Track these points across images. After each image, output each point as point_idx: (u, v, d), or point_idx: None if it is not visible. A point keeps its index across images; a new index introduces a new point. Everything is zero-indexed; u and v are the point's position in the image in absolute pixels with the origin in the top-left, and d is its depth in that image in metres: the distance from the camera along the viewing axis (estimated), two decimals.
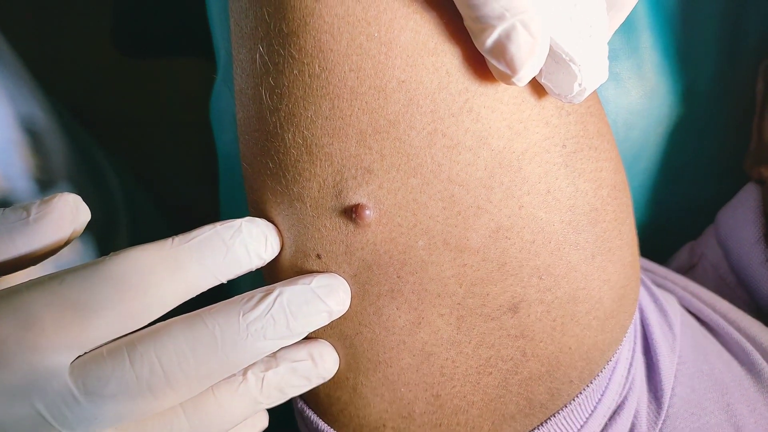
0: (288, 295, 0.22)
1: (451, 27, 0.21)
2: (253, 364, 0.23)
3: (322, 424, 0.26)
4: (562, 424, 0.25)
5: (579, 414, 0.25)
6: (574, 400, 0.25)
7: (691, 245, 0.43)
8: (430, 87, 0.21)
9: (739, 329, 0.31)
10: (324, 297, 0.22)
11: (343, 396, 0.25)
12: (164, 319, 0.22)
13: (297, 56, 0.21)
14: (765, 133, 0.40)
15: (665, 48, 0.41)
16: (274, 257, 0.24)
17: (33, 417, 0.20)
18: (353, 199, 0.22)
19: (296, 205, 0.23)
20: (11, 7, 0.62)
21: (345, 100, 0.21)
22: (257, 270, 0.24)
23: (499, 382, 0.24)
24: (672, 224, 0.46)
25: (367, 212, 0.22)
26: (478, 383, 0.24)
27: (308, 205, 0.23)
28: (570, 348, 0.24)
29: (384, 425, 0.25)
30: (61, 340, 0.20)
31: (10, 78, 0.36)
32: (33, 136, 0.36)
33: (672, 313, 0.30)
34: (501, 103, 0.22)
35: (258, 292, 0.22)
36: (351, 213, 0.22)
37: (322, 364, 0.24)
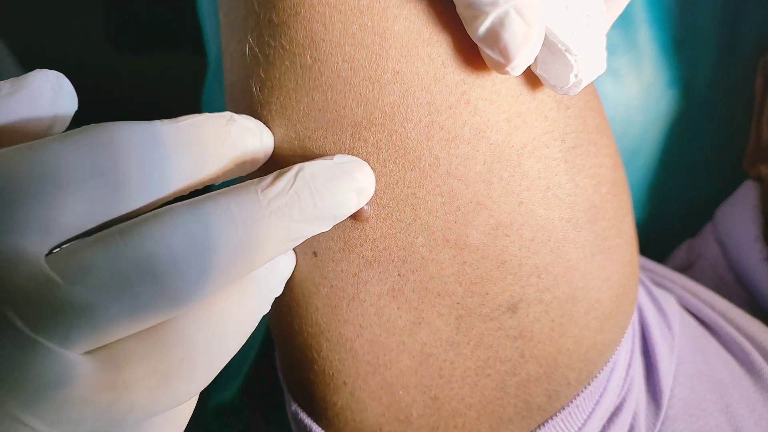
0: (310, 170, 0.19)
1: (445, 16, 0.20)
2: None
3: (316, 428, 0.26)
4: (560, 427, 0.24)
5: (577, 416, 0.25)
6: (572, 402, 0.25)
7: (689, 243, 0.43)
8: (426, 78, 0.21)
9: (738, 328, 0.31)
10: (351, 171, 0.20)
11: (339, 400, 0.25)
12: None
13: (288, 47, 0.21)
14: (764, 130, 0.40)
15: (664, 43, 0.41)
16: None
17: None
18: None
19: None
20: (3, 2, 0.61)
21: (338, 92, 0.21)
22: None
23: (497, 384, 0.23)
24: (670, 222, 0.45)
25: (365, 207, 0.22)
26: (476, 385, 0.23)
27: None
28: (568, 349, 0.24)
29: (380, 429, 0.24)
30: (32, 217, 0.15)
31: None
32: None
33: (671, 313, 0.30)
34: (498, 96, 0.21)
35: (272, 174, 0.19)
36: None
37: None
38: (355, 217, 0.22)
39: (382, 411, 0.24)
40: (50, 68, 0.19)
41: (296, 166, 0.19)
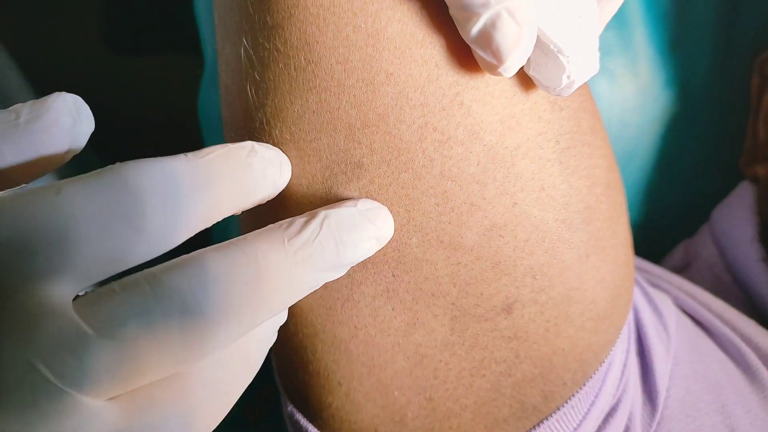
0: (335, 218, 0.19)
1: (439, 18, 0.20)
2: None
3: (312, 429, 0.26)
4: (556, 427, 0.24)
5: (572, 417, 0.25)
6: (567, 402, 0.24)
7: (686, 244, 0.43)
8: (419, 80, 0.21)
9: (734, 329, 0.31)
10: (373, 220, 0.20)
11: (334, 402, 0.24)
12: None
13: (282, 49, 0.21)
14: (760, 131, 0.40)
15: (659, 44, 0.41)
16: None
17: (25, 374, 0.14)
18: (344, 194, 0.22)
19: (285, 202, 0.23)
20: (1, 5, 0.61)
21: (332, 94, 0.21)
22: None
23: (492, 385, 0.23)
24: (666, 223, 0.45)
25: None
26: (471, 386, 0.23)
27: (298, 202, 0.22)
28: (563, 349, 0.24)
29: (376, 430, 0.24)
30: (59, 266, 0.15)
31: None
32: None
33: (667, 314, 0.30)
34: (492, 97, 0.21)
35: (299, 218, 0.19)
36: None
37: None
38: None
39: (378, 412, 0.24)
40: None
41: (322, 213, 0.19)
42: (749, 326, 0.31)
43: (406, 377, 0.23)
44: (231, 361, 0.18)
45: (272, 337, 0.20)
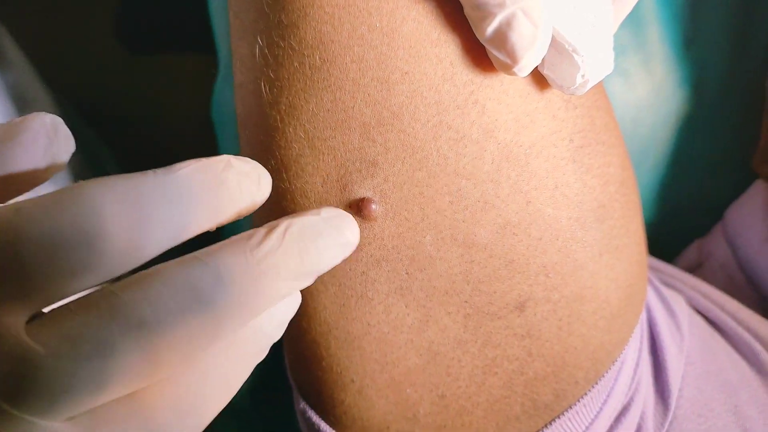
0: (298, 227, 0.18)
1: (453, 17, 0.21)
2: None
3: (324, 426, 0.26)
4: (567, 426, 0.24)
5: (584, 415, 0.25)
6: (579, 401, 0.25)
7: (699, 243, 0.43)
8: (434, 78, 0.21)
9: (748, 329, 0.31)
10: (337, 227, 0.19)
11: (347, 398, 0.25)
12: None
13: (297, 48, 0.21)
14: None
15: (674, 42, 0.41)
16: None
17: None
18: (359, 192, 0.22)
19: (300, 200, 0.23)
20: (16, 3, 0.62)
21: (347, 92, 0.21)
22: None
23: (504, 383, 0.24)
24: (680, 222, 0.45)
25: (374, 206, 0.22)
26: (484, 383, 0.24)
27: (312, 201, 0.23)
28: (576, 348, 0.24)
29: (388, 427, 0.24)
30: (9, 290, 0.15)
31: (14, 77, 0.36)
32: None
33: (680, 313, 0.30)
34: (507, 96, 0.21)
35: (261, 229, 0.18)
36: (357, 207, 0.22)
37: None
38: (364, 216, 0.22)
39: (390, 409, 0.24)
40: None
41: (285, 222, 0.18)
42: (763, 326, 0.31)
43: (418, 374, 0.23)
44: (201, 380, 0.18)
45: (259, 353, 0.19)
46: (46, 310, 0.16)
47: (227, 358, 0.18)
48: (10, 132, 0.17)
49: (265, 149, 0.23)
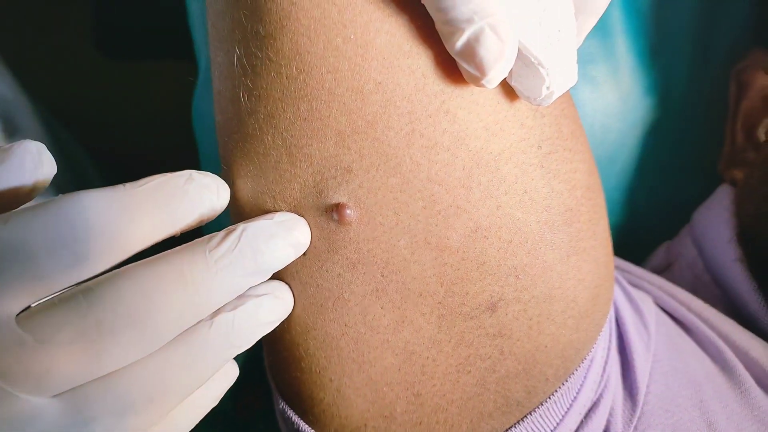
0: (253, 230, 0.21)
1: (425, 31, 0.21)
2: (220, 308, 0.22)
3: (303, 425, 0.26)
4: (539, 422, 0.25)
5: (555, 412, 0.25)
6: (550, 398, 0.25)
7: (668, 245, 0.43)
8: (406, 88, 0.21)
9: (712, 327, 0.32)
10: (288, 229, 0.22)
11: (326, 397, 0.25)
12: None
13: (274, 58, 0.22)
14: (738, 135, 0.41)
15: (640, 52, 0.42)
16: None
17: None
18: (334, 198, 0.22)
19: (279, 205, 0.23)
20: None
21: (323, 102, 0.21)
22: None
23: (477, 381, 0.24)
24: (648, 225, 0.46)
25: (348, 211, 0.22)
26: (458, 381, 0.24)
27: (290, 206, 0.23)
28: (546, 346, 0.24)
29: (365, 425, 0.25)
30: (5, 285, 0.18)
31: None
32: (14, 139, 0.36)
33: (647, 313, 0.31)
34: (477, 105, 0.22)
35: (220, 232, 0.21)
36: (332, 212, 0.22)
37: (282, 297, 0.23)
38: (339, 220, 0.22)
39: (367, 407, 0.25)
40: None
41: (241, 226, 0.21)
42: (727, 324, 0.32)
43: (395, 373, 0.24)
44: (171, 365, 0.20)
45: (231, 349, 0.22)
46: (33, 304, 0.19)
47: (196, 348, 0.21)
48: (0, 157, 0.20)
49: (244, 156, 0.24)
